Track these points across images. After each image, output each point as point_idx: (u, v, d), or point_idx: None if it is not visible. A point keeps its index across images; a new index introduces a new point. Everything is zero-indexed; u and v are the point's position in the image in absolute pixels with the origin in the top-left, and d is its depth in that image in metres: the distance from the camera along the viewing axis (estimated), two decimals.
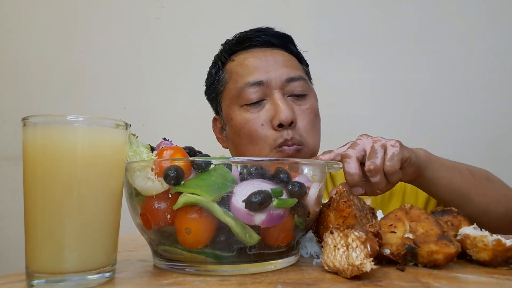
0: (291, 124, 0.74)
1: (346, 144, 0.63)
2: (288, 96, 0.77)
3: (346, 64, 1.33)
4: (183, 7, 1.41)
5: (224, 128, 0.85)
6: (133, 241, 0.63)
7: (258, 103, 0.76)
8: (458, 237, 0.44)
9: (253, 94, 0.76)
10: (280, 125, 0.73)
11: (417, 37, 1.32)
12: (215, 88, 0.85)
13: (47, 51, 1.44)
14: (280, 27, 0.88)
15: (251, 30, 0.84)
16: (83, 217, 0.37)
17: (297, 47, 0.87)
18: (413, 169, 0.62)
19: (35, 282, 0.36)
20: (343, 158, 0.58)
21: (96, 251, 0.38)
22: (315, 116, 0.80)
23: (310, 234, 0.51)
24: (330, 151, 0.61)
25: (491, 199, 0.68)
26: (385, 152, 0.58)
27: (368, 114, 1.32)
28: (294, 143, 0.74)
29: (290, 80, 0.77)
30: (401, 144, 0.59)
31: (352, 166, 0.56)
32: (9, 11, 1.47)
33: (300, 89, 0.78)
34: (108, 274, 0.38)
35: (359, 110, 1.32)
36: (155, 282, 0.37)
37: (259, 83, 0.76)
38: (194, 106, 1.30)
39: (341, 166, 0.51)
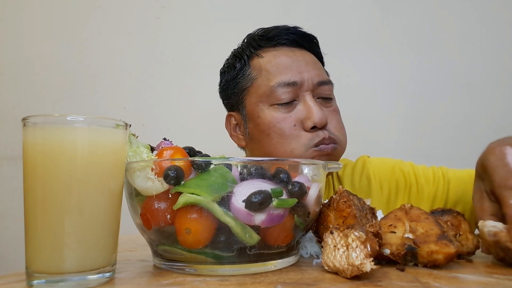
0: (324, 126, 0.75)
1: None
2: (317, 98, 0.78)
3: (350, 63, 1.33)
4: (183, 7, 1.41)
5: (245, 125, 0.83)
6: (133, 241, 0.64)
7: (290, 103, 0.76)
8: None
9: (285, 94, 0.76)
10: (313, 127, 0.74)
11: (422, 37, 1.31)
12: (239, 83, 0.83)
13: (47, 51, 1.44)
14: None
15: (276, 27, 0.83)
16: (83, 217, 0.37)
17: (320, 49, 0.87)
18: None
19: (35, 282, 0.36)
20: None
21: (96, 251, 0.38)
22: (340, 116, 0.82)
23: (310, 234, 0.51)
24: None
25: None
26: None
27: (372, 114, 1.32)
28: (331, 141, 0.75)
29: (321, 83, 0.78)
30: None
31: None
32: (9, 11, 1.47)
33: (328, 93, 0.79)
34: (108, 274, 0.38)
35: (363, 109, 1.32)
36: (155, 282, 0.37)
37: (292, 84, 0.76)
38: (194, 106, 1.31)
39: (341, 166, 0.51)
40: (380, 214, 0.50)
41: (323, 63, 0.87)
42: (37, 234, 0.36)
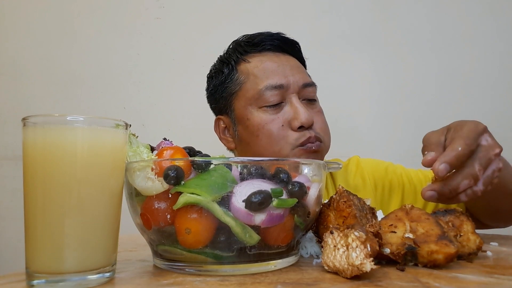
0: (311, 126, 0.79)
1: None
2: (302, 100, 0.82)
3: (344, 63, 1.33)
4: (183, 7, 1.41)
5: (234, 128, 0.86)
6: (133, 241, 0.64)
7: (277, 105, 0.80)
8: None
9: (273, 96, 0.80)
10: (300, 127, 0.78)
11: (420, 37, 1.31)
12: (227, 87, 0.86)
13: (47, 51, 1.44)
14: (280, 27, 0.88)
15: (261, 34, 0.87)
16: (83, 217, 0.37)
17: (302, 54, 0.91)
18: None
19: (35, 282, 0.36)
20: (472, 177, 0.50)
21: (96, 251, 0.38)
22: (324, 117, 0.86)
23: (310, 234, 0.51)
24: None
25: None
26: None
27: (368, 114, 1.32)
28: (317, 139, 0.79)
29: (306, 85, 0.82)
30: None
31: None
32: (9, 11, 1.47)
33: (313, 94, 0.84)
34: (108, 274, 0.38)
35: (358, 110, 1.32)
36: (155, 282, 0.37)
37: (279, 87, 0.80)
38: (194, 106, 1.30)
39: (341, 166, 0.51)
40: (380, 214, 0.50)
41: (305, 67, 0.91)
42: (37, 234, 0.36)
